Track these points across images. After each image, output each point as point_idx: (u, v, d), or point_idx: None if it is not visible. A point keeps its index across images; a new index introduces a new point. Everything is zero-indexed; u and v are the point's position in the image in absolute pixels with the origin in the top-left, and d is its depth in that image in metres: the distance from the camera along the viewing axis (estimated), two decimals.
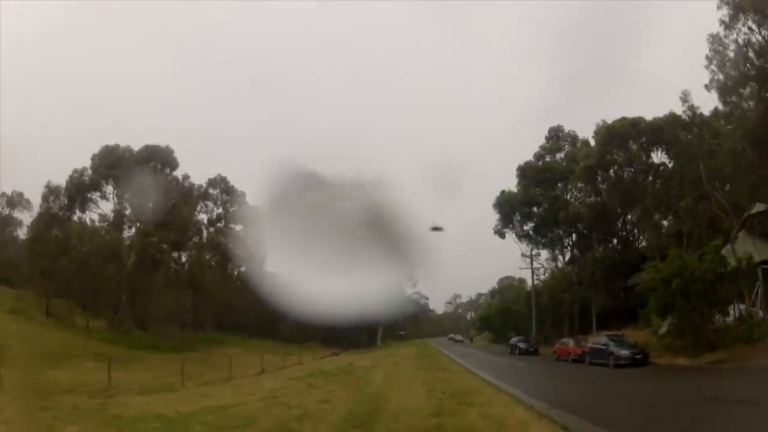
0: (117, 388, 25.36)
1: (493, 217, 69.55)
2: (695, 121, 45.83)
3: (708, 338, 30.45)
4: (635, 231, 59.85)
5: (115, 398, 22.13)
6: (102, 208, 61.20)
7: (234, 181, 73.88)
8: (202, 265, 66.92)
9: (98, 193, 60.48)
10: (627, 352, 31.88)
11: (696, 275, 30.32)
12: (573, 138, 70.61)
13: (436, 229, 19.53)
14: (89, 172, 59.63)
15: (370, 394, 20.57)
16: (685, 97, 45.18)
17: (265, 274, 76.43)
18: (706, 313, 30.92)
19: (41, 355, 28.00)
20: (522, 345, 55.12)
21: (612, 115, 62.10)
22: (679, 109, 46.75)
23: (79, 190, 59.68)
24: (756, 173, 38.97)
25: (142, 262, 57.11)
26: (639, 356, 31.50)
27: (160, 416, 16.64)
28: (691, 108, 45.56)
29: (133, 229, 60.26)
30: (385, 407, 16.69)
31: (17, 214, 74.56)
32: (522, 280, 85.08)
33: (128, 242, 59.75)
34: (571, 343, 41.92)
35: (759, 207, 38.13)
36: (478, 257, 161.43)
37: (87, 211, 61.46)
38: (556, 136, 70.86)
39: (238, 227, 71.35)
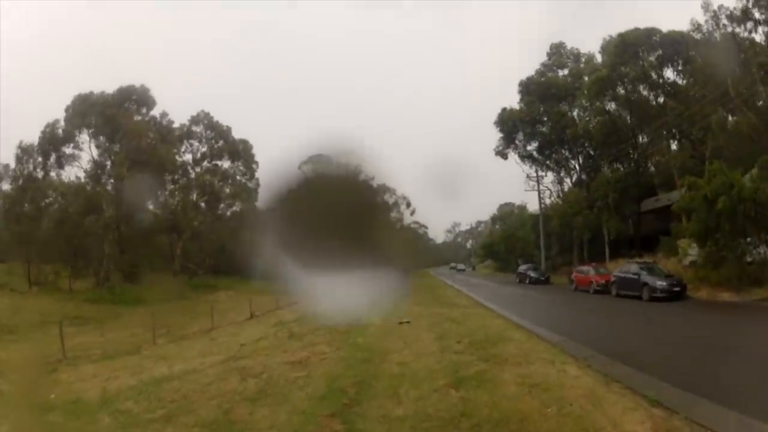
0: (77, 355, 21.84)
1: (494, 139, 63.76)
2: (719, 31, 39.98)
3: (752, 271, 26.56)
4: (648, 152, 53.43)
5: (60, 372, 18.54)
6: (82, 161, 55.79)
7: (223, 119, 67.65)
8: (186, 206, 61.25)
9: (72, 145, 55.01)
10: (664, 284, 27.74)
11: (745, 194, 25.92)
12: (576, 56, 64.15)
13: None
14: (62, 124, 54.48)
15: (363, 347, 16.20)
16: (707, 6, 39.86)
17: (260, 212, 73.44)
18: (755, 239, 27.08)
19: None
20: (533, 273, 50.09)
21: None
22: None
23: (53, 145, 54.31)
24: None
25: (122, 211, 52.74)
26: (677, 289, 27.58)
27: (77, 401, 12.99)
28: (715, 17, 39.94)
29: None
30: (381, 371, 12.62)
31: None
32: (523, 207, 79.19)
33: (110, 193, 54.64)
34: (591, 271, 36.89)
35: None
36: (477, 183, 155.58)
37: (66, 167, 55.81)
38: (558, 52, 64.20)
39: (226, 164, 66.49)
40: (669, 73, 48.84)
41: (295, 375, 12.56)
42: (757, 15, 37.66)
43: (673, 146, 48.31)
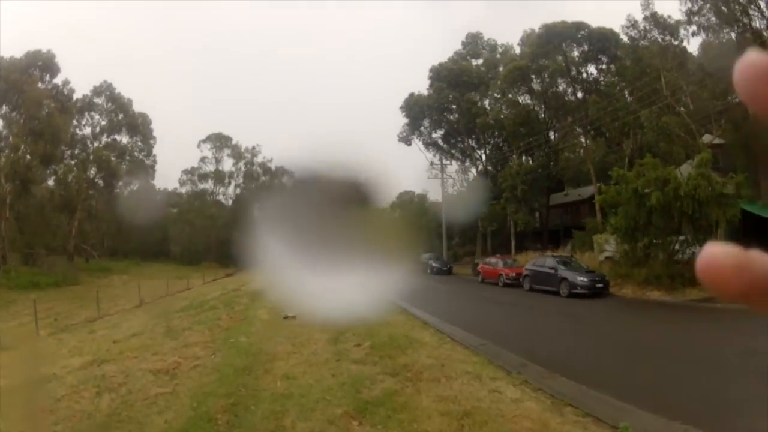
0: None
1: (398, 125, 61.83)
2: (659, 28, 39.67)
3: (682, 270, 24.37)
4: (560, 147, 52.50)
5: None
6: None
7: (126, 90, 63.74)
8: (80, 182, 57.47)
9: None
10: (585, 280, 25.89)
11: (684, 191, 24.17)
12: (492, 47, 62.66)
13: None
14: None
15: (244, 350, 13.28)
16: (647, 4, 39.53)
17: (157, 191, 70.05)
18: (688, 237, 25.51)
19: None
20: (434, 263, 47.19)
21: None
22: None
23: None
24: (722, 102, 33.72)
25: (16, 187, 48.77)
26: (600, 285, 25.81)
27: None
28: (654, 16, 39.70)
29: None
30: (262, 387, 9.89)
31: None
32: (422, 196, 75.96)
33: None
34: (500, 263, 34.73)
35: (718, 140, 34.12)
36: (376, 170, 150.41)
37: None
38: (474, 42, 62.31)
39: (124, 139, 63.21)
40: (591, 70, 47.85)
41: (157, 390, 9.83)
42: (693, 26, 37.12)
43: (587, 143, 47.56)
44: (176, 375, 10.91)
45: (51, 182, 57.29)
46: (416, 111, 59.49)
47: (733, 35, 34.57)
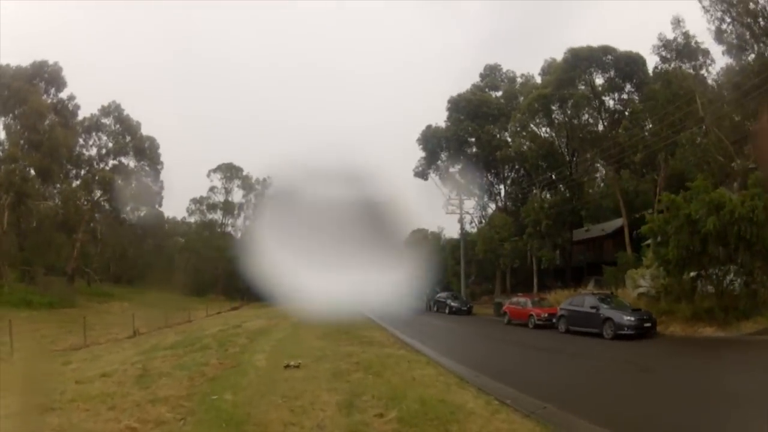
0: None
1: (411, 161, 59.00)
2: (690, 48, 37.18)
3: (732, 302, 22.37)
4: (584, 179, 49.80)
5: None
6: None
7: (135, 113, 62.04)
8: (79, 203, 55.80)
9: None
10: (632, 319, 22.67)
11: (741, 214, 21.38)
12: (511, 79, 60.69)
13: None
14: None
15: (226, 416, 9.62)
16: (677, 23, 37.09)
17: (165, 219, 67.98)
18: (749, 265, 22.61)
19: None
20: (453, 303, 43.93)
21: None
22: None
23: None
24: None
25: (11, 199, 46.81)
26: (648, 324, 22.74)
27: None
28: (686, 35, 37.24)
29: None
30: None
31: None
32: (436, 234, 73.48)
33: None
34: (528, 303, 31.49)
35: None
36: (387, 207, 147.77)
37: None
38: (492, 74, 60.48)
39: (132, 163, 60.94)
40: (617, 97, 45.05)
41: None
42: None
43: (615, 174, 44.52)
44: None
45: (54, 201, 55.31)
46: (434, 143, 56.69)
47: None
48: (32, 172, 49.78)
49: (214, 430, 8.68)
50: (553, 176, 46.77)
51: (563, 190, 48.88)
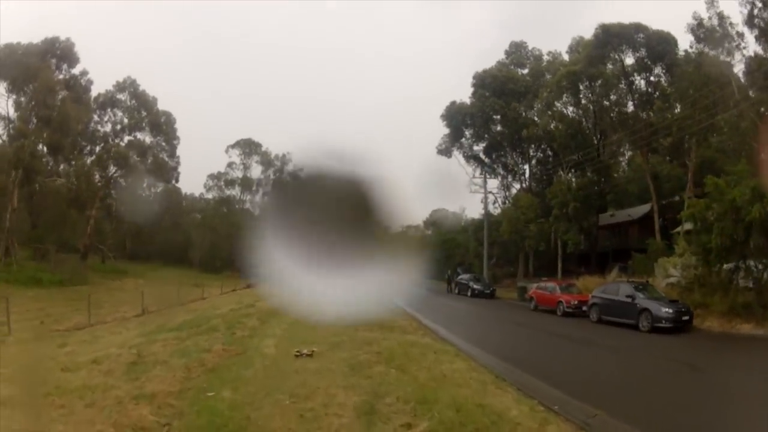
0: None
1: (434, 139, 57.72)
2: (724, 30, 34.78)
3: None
4: (612, 161, 48.49)
5: None
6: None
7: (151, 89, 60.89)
8: (91, 178, 54.40)
9: None
10: (670, 311, 20.75)
11: None
12: (537, 57, 58.14)
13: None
14: None
15: (221, 423, 7.96)
16: (711, 2, 35.00)
17: (182, 195, 70.25)
18: None
19: None
20: (476, 285, 41.91)
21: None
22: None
23: None
24: None
25: (20, 176, 45.65)
26: (686, 318, 20.97)
27: None
28: (720, 16, 34.94)
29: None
30: None
31: None
32: (458, 214, 72.27)
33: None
34: (557, 289, 29.50)
35: None
36: (408, 187, 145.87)
37: None
38: (518, 51, 58.08)
39: (148, 138, 59.83)
40: (648, 77, 42.80)
41: None
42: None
43: (644, 157, 42.43)
44: None
45: (68, 178, 54.24)
46: (458, 120, 54.82)
47: None
48: (44, 149, 49.33)
49: None
50: (581, 157, 44.71)
51: (591, 173, 46.87)
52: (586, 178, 46.11)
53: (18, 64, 46.32)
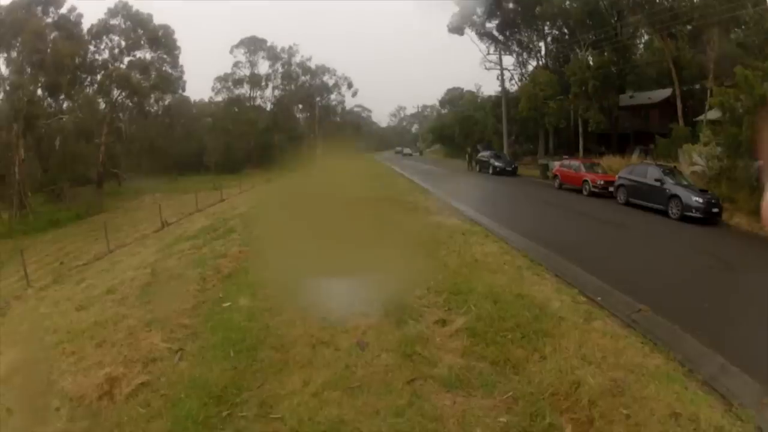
0: None
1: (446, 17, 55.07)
2: None
3: None
4: (631, 41, 45.41)
5: None
6: None
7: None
8: (92, 105, 52.30)
9: None
10: (701, 201, 19.46)
11: None
12: None
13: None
14: None
15: (238, 336, 7.36)
16: None
17: (191, 103, 68.34)
18: None
19: None
20: (497, 162, 40.36)
21: None
22: None
23: None
24: None
25: (20, 126, 43.61)
26: (716, 209, 19.67)
27: None
28: None
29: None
30: None
31: None
32: (472, 93, 71.30)
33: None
34: (582, 168, 28.15)
35: None
36: (423, 66, 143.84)
37: None
38: None
39: (148, 55, 57.34)
40: None
41: None
42: None
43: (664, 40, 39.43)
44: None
45: (72, 113, 51.46)
46: None
47: None
48: (42, 92, 47.91)
49: (217, 363, 6.44)
50: (597, 36, 42.81)
51: (607, 53, 43.93)
52: (605, 57, 43.56)
53: (3, 24, 44.46)
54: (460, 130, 61.65)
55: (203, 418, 5.37)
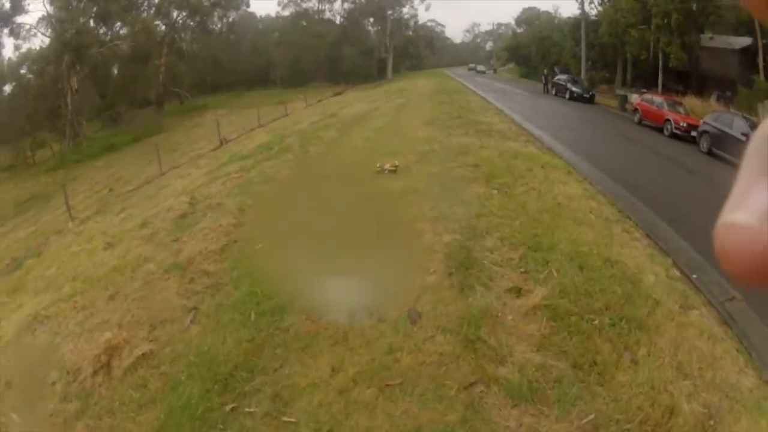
0: None
1: None
2: None
3: None
4: None
5: None
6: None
7: None
8: (151, 30, 50.62)
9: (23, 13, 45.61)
10: None
11: None
12: None
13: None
14: None
15: (270, 289, 6.16)
16: None
17: (258, 19, 68.26)
18: None
19: None
20: (574, 88, 38.22)
21: None
22: None
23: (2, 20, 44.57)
24: None
25: (71, 57, 42.95)
26: None
27: None
28: None
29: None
30: None
31: None
32: (549, 14, 70.16)
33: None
34: (665, 105, 25.81)
35: None
36: None
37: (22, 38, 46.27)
38: None
39: None
40: None
41: None
42: None
43: None
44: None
45: (128, 39, 49.19)
46: None
47: None
48: (94, 23, 47.16)
49: (232, 331, 5.33)
50: None
51: None
52: None
53: None
54: (537, 50, 59.33)
55: (202, 411, 4.31)
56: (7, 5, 44.41)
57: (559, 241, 6.85)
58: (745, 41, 37.11)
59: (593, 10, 49.43)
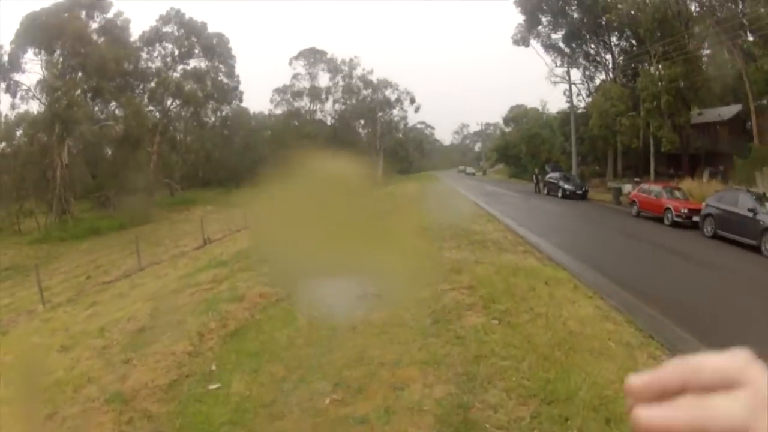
0: None
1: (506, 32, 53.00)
2: None
3: None
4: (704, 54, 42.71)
5: None
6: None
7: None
8: (141, 116, 50.66)
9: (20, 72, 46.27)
10: None
11: None
12: None
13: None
14: (7, 49, 45.57)
15: None
16: None
17: (250, 115, 67.78)
18: None
19: None
20: (566, 185, 37.77)
21: None
22: None
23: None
24: None
25: (59, 131, 43.57)
26: None
27: None
28: None
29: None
30: None
31: None
32: (536, 110, 68.72)
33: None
34: (663, 193, 25.31)
35: None
36: (487, 84, 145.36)
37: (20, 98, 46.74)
38: None
39: (203, 64, 57.86)
40: None
41: None
42: None
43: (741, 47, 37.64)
44: None
45: (120, 120, 50.58)
46: (533, 4, 50.22)
47: None
48: (86, 97, 47.43)
49: None
50: (667, 48, 39.88)
51: (679, 65, 40.45)
52: (677, 69, 40.11)
53: (44, 26, 44.37)
54: (527, 148, 59.17)
55: None
56: (5, 58, 44.90)
57: (579, 386, 5.59)
58: (734, 109, 37.23)
59: (581, 102, 50.26)
